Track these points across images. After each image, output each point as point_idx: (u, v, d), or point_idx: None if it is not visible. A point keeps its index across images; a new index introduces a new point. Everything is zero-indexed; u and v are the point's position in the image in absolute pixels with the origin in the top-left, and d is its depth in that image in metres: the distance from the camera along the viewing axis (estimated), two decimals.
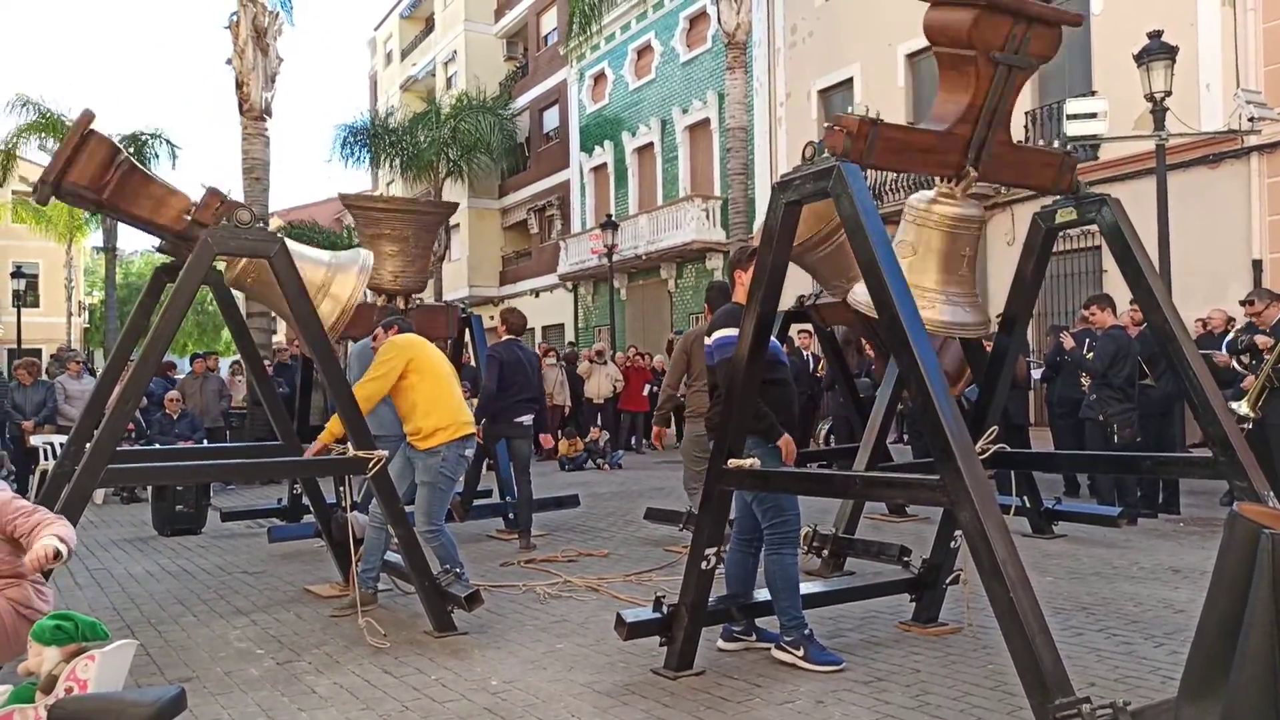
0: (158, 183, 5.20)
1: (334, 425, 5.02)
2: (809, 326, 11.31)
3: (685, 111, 23.65)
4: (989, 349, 4.78)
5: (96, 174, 4.88)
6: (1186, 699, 1.69)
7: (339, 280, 5.34)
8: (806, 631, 4.20)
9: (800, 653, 4.15)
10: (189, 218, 5.03)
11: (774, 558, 4.24)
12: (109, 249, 28.37)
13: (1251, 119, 12.01)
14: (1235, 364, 7.51)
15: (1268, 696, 1.50)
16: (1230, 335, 7.83)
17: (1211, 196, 12.90)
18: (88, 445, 4.87)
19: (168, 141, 26.47)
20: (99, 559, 7.40)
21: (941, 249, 3.89)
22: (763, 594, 4.47)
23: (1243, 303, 8.24)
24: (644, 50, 25.34)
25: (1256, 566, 1.54)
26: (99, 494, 10.47)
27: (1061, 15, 3.76)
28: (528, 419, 7.36)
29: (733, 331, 4.17)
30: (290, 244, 5.11)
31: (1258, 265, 12.44)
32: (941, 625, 4.76)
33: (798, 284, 6.81)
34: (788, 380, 4.51)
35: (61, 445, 7.25)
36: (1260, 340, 7.32)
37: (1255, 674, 1.51)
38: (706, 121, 23.02)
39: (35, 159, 25.72)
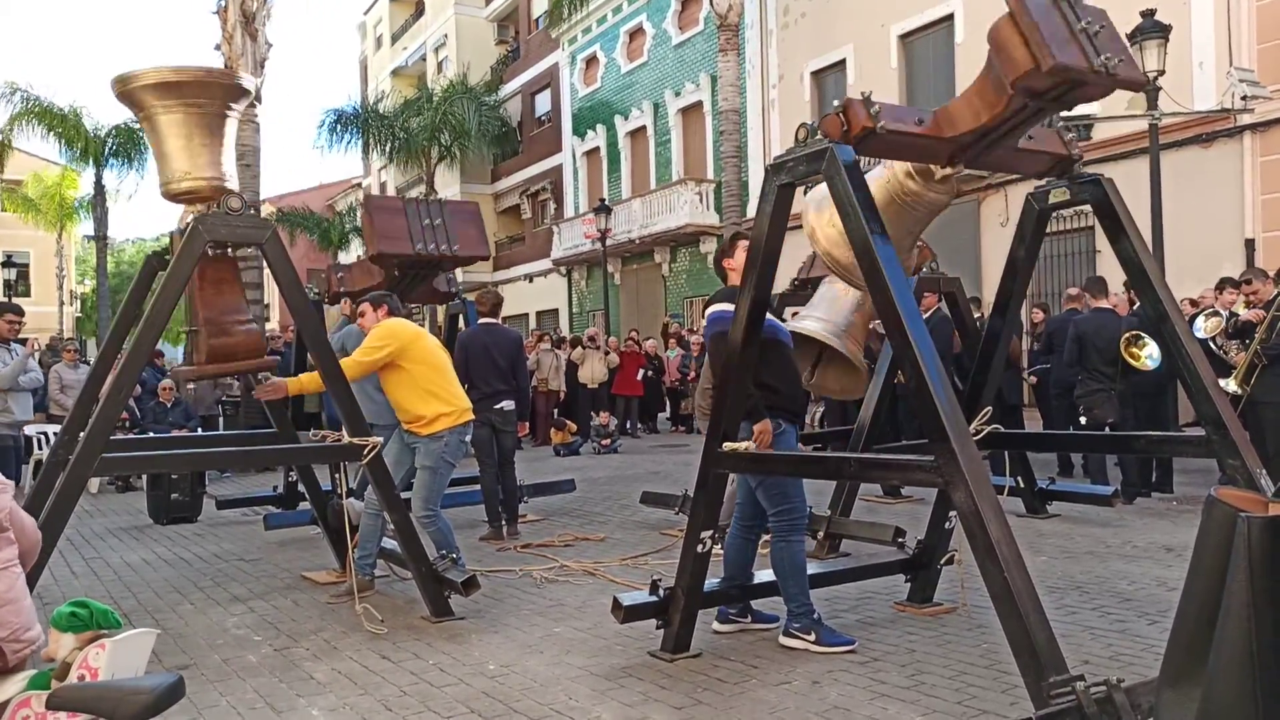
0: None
1: (302, 381, 5.09)
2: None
3: (678, 94, 23.56)
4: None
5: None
6: (1167, 684, 1.70)
7: None
8: (815, 616, 4.22)
9: (811, 637, 4.16)
10: None
11: (782, 545, 4.24)
12: (100, 237, 28.21)
13: (1244, 98, 12.01)
14: (1212, 345, 7.50)
15: (1246, 680, 1.50)
16: (1198, 320, 7.80)
17: (1204, 176, 12.91)
18: (82, 434, 4.86)
19: None
20: (94, 548, 7.39)
21: (893, 220, 3.79)
22: (763, 575, 4.48)
23: (1235, 282, 8.24)
24: (636, 33, 25.20)
25: (1233, 550, 1.54)
26: (94, 483, 10.46)
27: (1129, 81, 3.40)
28: (508, 404, 7.17)
29: (725, 307, 4.16)
30: None
31: (1250, 244, 12.46)
32: (937, 605, 4.78)
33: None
34: (788, 356, 4.46)
35: (55, 434, 7.24)
36: (1253, 315, 7.34)
37: (1233, 658, 1.52)
38: (699, 104, 22.94)
39: (27, 148, 25.51)
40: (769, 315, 4.24)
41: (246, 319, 5.22)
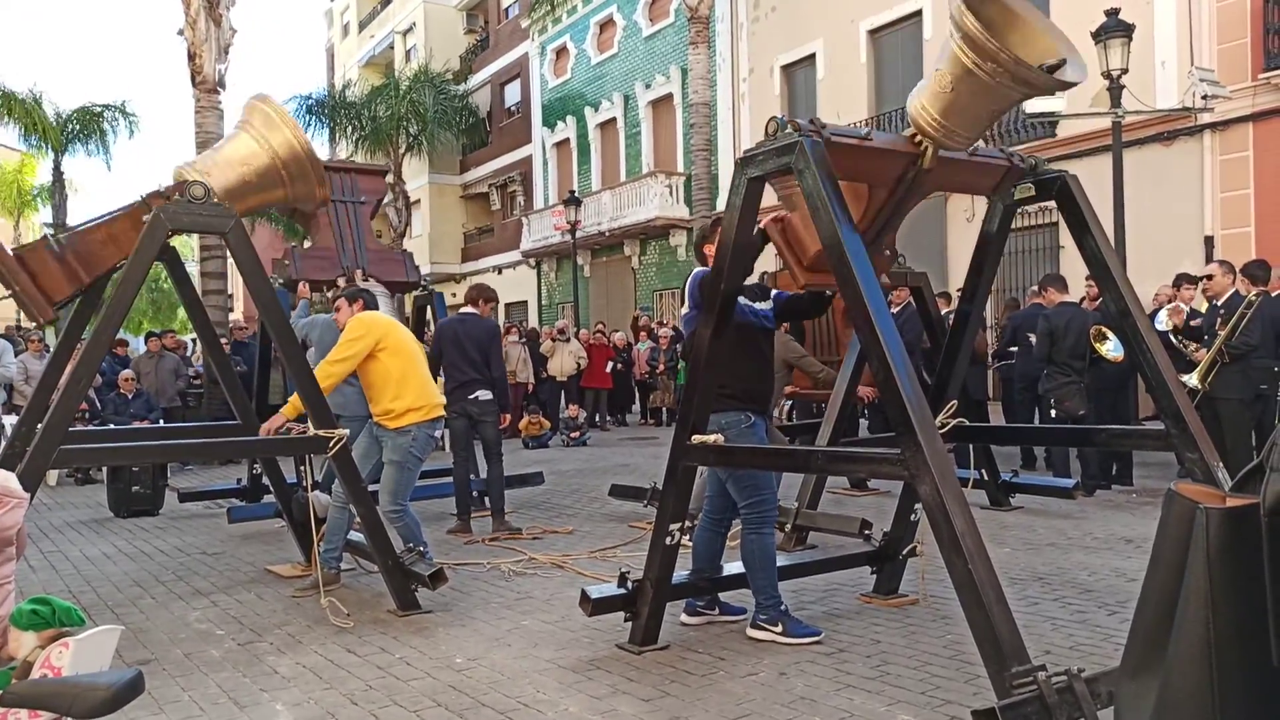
0: (98, 227, 5.23)
1: (296, 402, 4.95)
2: None
3: (648, 87, 23.52)
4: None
5: (61, 275, 5.13)
6: (1127, 676, 1.72)
7: (274, 139, 5.42)
8: (783, 608, 4.24)
9: (778, 629, 4.19)
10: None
11: (753, 537, 4.25)
12: (58, 225, 27.61)
13: (1205, 97, 12.21)
14: (1172, 339, 7.61)
15: (1203, 668, 1.53)
16: (1160, 314, 7.90)
17: (1166, 173, 13.12)
18: (40, 425, 4.77)
19: (124, 113, 25.50)
20: (53, 541, 7.27)
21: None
22: (731, 568, 4.50)
23: (1192, 278, 8.38)
24: (606, 24, 25.12)
25: (1192, 541, 1.57)
26: (52, 475, 10.27)
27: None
28: (483, 394, 7.01)
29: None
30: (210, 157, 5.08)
31: (1210, 241, 12.68)
32: (902, 597, 4.83)
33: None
34: (760, 346, 4.41)
35: (13, 425, 7.08)
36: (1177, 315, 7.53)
37: (1190, 646, 1.54)
38: (670, 97, 22.92)
39: None
40: (749, 301, 4.25)
41: None
